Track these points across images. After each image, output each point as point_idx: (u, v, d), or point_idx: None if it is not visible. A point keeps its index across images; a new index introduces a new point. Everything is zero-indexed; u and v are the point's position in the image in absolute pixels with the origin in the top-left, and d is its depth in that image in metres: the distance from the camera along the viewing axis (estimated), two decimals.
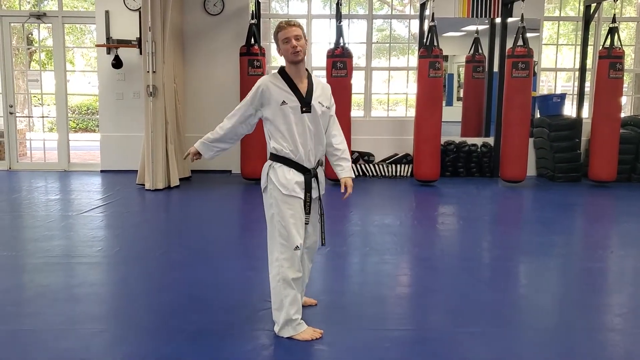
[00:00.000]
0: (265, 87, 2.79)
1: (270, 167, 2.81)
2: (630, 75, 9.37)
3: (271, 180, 2.78)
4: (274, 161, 2.81)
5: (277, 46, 2.82)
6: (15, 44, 8.50)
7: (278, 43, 2.79)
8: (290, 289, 2.77)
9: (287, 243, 2.75)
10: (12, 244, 4.58)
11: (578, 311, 3.32)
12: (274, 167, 2.79)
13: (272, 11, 8.47)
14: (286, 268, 2.76)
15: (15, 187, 7.04)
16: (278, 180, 2.76)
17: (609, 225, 5.70)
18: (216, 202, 6.32)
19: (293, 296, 2.78)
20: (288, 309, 2.77)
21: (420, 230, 5.21)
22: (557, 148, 7.54)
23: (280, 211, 2.75)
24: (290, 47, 2.74)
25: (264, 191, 2.85)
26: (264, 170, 2.84)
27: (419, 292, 3.68)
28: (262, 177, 2.85)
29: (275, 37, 2.80)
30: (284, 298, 2.77)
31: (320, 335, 2.81)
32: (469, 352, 2.76)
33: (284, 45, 2.75)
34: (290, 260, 2.76)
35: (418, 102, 7.22)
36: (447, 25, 7.81)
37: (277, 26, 2.80)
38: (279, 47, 2.80)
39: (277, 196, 2.76)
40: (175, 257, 4.22)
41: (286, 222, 2.75)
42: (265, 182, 2.83)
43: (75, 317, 3.08)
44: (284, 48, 2.76)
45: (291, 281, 2.77)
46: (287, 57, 2.78)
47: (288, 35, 2.74)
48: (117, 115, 7.78)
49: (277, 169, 2.78)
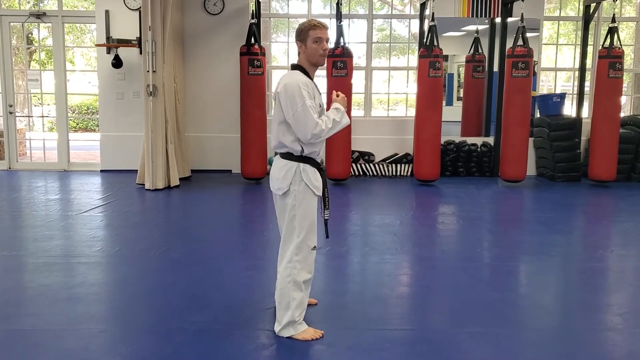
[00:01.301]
0: (310, 84, 2.74)
1: (299, 168, 2.73)
2: (629, 75, 9.38)
3: (301, 182, 2.73)
4: (300, 162, 2.74)
5: (302, 43, 2.74)
6: (15, 44, 8.48)
7: (306, 40, 2.73)
8: (299, 291, 2.78)
9: (306, 245, 2.76)
10: (12, 243, 4.58)
11: (578, 311, 3.33)
12: (304, 169, 2.73)
13: (272, 11, 8.47)
14: (299, 270, 2.76)
15: (15, 186, 7.04)
16: (311, 182, 2.74)
17: (609, 224, 5.70)
18: (216, 202, 6.32)
19: (300, 299, 2.78)
20: (294, 311, 2.77)
21: (421, 230, 5.21)
22: (557, 148, 7.54)
23: (306, 212, 2.75)
24: (321, 48, 2.72)
25: (284, 193, 2.76)
26: (289, 172, 2.73)
27: (419, 291, 3.68)
28: (286, 179, 2.73)
29: (304, 34, 2.72)
30: (292, 300, 2.77)
31: (320, 335, 2.81)
32: (469, 352, 2.77)
33: (314, 44, 2.71)
34: (304, 262, 2.77)
35: (418, 102, 7.22)
36: (447, 25, 7.81)
37: (310, 24, 2.73)
38: (304, 45, 2.73)
39: (305, 198, 2.74)
40: (175, 257, 4.22)
41: (310, 223, 2.76)
42: (288, 185, 2.73)
43: (75, 317, 3.08)
44: (312, 47, 2.72)
45: (302, 284, 2.78)
46: (313, 58, 2.75)
47: (321, 36, 2.72)
48: (117, 115, 7.78)
49: (308, 170, 2.74)
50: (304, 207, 2.75)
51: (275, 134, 2.80)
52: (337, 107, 2.77)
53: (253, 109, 7.11)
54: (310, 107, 2.66)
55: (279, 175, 2.77)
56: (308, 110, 2.64)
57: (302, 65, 2.80)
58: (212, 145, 7.92)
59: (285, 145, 2.77)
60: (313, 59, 2.76)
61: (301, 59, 2.80)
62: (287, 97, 2.67)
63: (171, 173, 6.86)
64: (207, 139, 7.91)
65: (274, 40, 9.57)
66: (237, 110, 7.31)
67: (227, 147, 7.83)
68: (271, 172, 2.86)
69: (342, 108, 2.78)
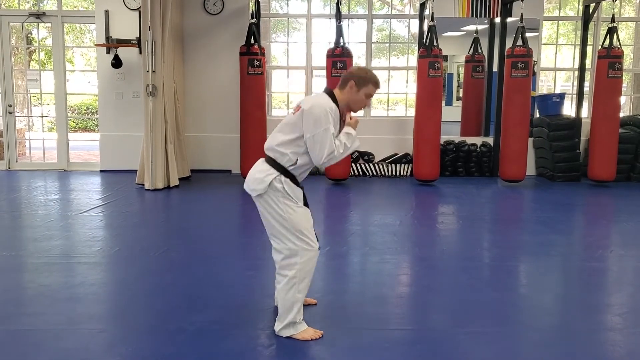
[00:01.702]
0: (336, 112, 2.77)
1: (280, 178, 2.75)
2: (629, 75, 9.39)
3: (284, 190, 2.74)
4: (282, 174, 2.76)
5: (357, 87, 2.78)
6: (14, 44, 8.48)
7: (361, 88, 2.78)
8: (303, 294, 2.79)
9: (309, 242, 2.76)
10: (12, 243, 4.58)
11: (578, 311, 3.33)
12: (286, 181, 2.75)
13: (272, 11, 8.47)
14: (309, 269, 2.78)
15: (14, 186, 7.03)
16: (292, 191, 2.77)
17: (609, 224, 5.70)
18: (216, 202, 6.32)
19: (301, 299, 2.80)
20: (296, 313, 2.79)
21: (420, 229, 5.22)
22: (557, 148, 7.54)
23: (295, 215, 2.75)
24: (367, 103, 2.84)
25: (259, 196, 2.77)
26: (268, 177, 2.74)
27: (419, 291, 3.68)
28: (263, 182, 2.74)
29: (365, 83, 2.78)
30: (296, 302, 2.78)
31: (320, 335, 2.81)
32: (469, 352, 2.77)
33: (364, 97, 2.80)
34: (312, 260, 2.79)
35: (418, 102, 7.22)
36: (446, 25, 7.81)
37: (375, 80, 2.81)
38: (357, 90, 2.78)
39: (289, 204, 2.75)
40: (174, 257, 4.22)
41: (305, 223, 2.77)
42: (264, 188, 2.74)
43: (75, 317, 3.08)
44: (361, 98, 2.80)
45: (306, 286, 2.80)
46: (354, 104, 2.82)
47: (373, 95, 2.83)
48: (117, 115, 7.77)
49: (290, 183, 2.77)
50: (291, 212, 2.76)
51: (277, 139, 2.80)
52: (348, 132, 2.82)
53: (253, 109, 7.11)
54: (332, 133, 2.71)
55: (259, 176, 2.78)
56: (329, 135, 2.69)
57: (336, 96, 2.81)
58: (212, 145, 7.92)
59: (279, 153, 2.77)
60: (353, 105, 2.83)
61: (342, 93, 2.82)
62: (313, 117, 2.70)
63: (171, 173, 6.86)
64: (207, 139, 7.91)
65: (273, 40, 9.58)
66: (237, 110, 7.31)
67: (226, 147, 7.83)
68: (250, 172, 2.85)
69: (354, 132, 2.83)
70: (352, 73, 2.83)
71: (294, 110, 2.81)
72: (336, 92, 2.82)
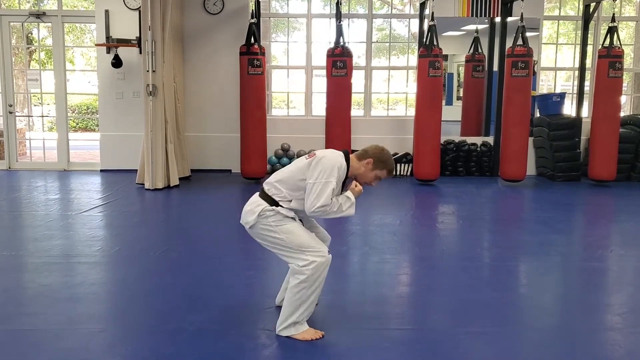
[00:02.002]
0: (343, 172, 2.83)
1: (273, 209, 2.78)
2: (629, 75, 9.38)
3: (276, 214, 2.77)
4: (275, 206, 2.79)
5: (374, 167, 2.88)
6: (14, 43, 8.48)
7: (376, 169, 2.89)
8: (313, 298, 2.79)
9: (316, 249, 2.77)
10: (12, 243, 4.59)
11: (578, 310, 3.33)
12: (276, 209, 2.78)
13: (272, 10, 8.46)
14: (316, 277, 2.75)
15: (14, 186, 7.03)
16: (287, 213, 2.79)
17: (609, 224, 5.70)
18: (216, 202, 6.32)
19: (312, 301, 2.80)
20: (300, 314, 2.78)
21: (420, 229, 5.21)
22: (557, 147, 7.54)
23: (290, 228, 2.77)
24: (374, 183, 2.95)
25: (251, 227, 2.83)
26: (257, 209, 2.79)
27: (419, 291, 3.68)
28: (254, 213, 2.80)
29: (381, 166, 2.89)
30: (302, 304, 2.77)
31: (320, 336, 2.81)
32: (469, 351, 2.77)
33: (375, 178, 2.92)
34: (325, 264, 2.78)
35: (418, 102, 7.22)
36: (446, 25, 7.81)
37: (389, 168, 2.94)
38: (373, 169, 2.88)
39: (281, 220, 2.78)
40: (175, 257, 4.22)
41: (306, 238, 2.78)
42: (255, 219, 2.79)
43: (75, 317, 3.08)
44: (371, 176, 2.90)
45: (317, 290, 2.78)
46: (362, 179, 2.90)
47: (381, 179, 2.95)
48: (117, 115, 7.77)
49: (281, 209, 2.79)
50: (287, 226, 2.78)
51: (278, 176, 2.85)
52: (348, 196, 2.83)
53: (253, 108, 7.11)
54: (332, 189, 2.73)
55: (249, 208, 2.85)
56: (329, 189, 2.72)
57: (351, 161, 2.88)
58: (212, 144, 7.92)
59: (276, 189, 2.81)
60: (360, 178, 2.91)
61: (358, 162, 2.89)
62: (321, 166, 2.76)
63: (171, 173, 6.86)
64: (207, 139, 7.91)
65: (273, 39, 9.57)
66: (237, 110, 7.31)
67: (226, 146, 7.82)
68: (244, 207, 2.90)
69: (353, 199, 2.84)
70: (376, 152, 2.91)
71: (307, 155, 2.88)
72: (352, 158, 2.90)
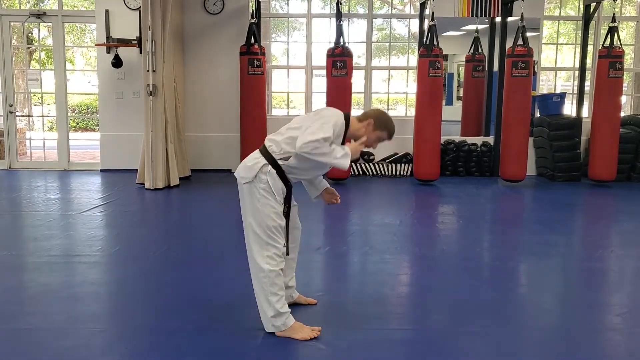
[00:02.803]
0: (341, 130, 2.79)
1: (267, 168, 2.75)
2: (629, 75, 9.38)
3: (266, 182, 2.74)
4: (271, 164, 2.75)
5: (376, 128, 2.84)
6: (15, 43, 8.48)
7: (377, 131, 2.85)
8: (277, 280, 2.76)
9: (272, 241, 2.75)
10: (12, 243, 4.59)
11: (578, 310, 3.32)
12: (270, 171, 2.75)
13: (272, 10, 8.47)
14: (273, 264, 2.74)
15: (15, 186, 7.04)
16: (276, 186, 2.75)
17: (609, 224, 5.70)
18: (216, 202, 6.32)
19: (279, 287, 2.77)
20: (276, 304, 2.76)
21: (420, 229, 5.22)
22: (557, 147, 7.54)
23: (268, 212, 2.74)
24: (373, 144, 2.89)
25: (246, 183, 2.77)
26: (257, 164, 2.75)
27: (419, 291, 3.68)
28: (252, 170, 2.75)
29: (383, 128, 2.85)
30: (270, 295, 2.75)
31: (318, 333, 2.81)
32: (469, 351, 2.77)
33: (376, 139, 2.87)
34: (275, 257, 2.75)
35: (418, 102, 7.22)
36: (447, 25, 7.81)
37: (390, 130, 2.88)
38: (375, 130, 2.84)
39: (268, 199, 2.74)
40: (174, 256, 4.22)
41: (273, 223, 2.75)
42: (252, 177, 2.74)
43: (75, 316, 3.08)
44: (374, 138, 2.86)
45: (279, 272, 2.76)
46: (369, 141, 2.85)
47: (382, 141, 2.90)
48: (117, 115, 7.78)
49: (274, 175, 2.75)
50: (265, 204, 2.74)
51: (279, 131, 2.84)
52: (344, 148, 2.77)
53: (253, 108, 7.11)
54: (328, 135, 2.66)
55: (248, 163, 2.80)
56: (323, 130, 2.65)
57: (352, 123, 2.85)
58: (212, 144, 7.92)
59: (274, 143, 2.79)
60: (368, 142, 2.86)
61: (358, 123, 2.86)
62: (319, 115, 2.77)
63: (171, 172, 6.86)
64: (207, 139, 7.91)
65: (273, 39, 9.57)
66: (237, 110, 7.31)
67: (227, 146, 7.82)
68: (244, 160, 2.87)
69: (349, 153, 2.76)
70: (376, 114, 2.90)
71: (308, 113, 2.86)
72: (352, 119, 2.87)
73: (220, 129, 7.88)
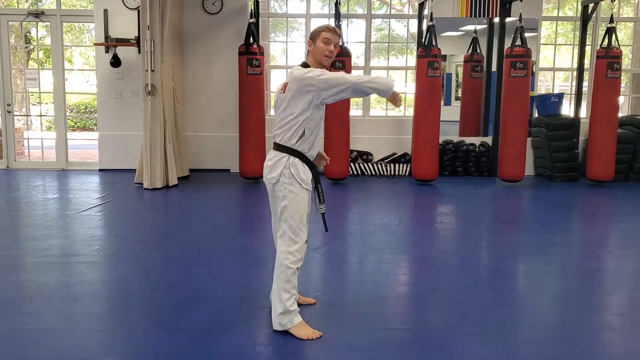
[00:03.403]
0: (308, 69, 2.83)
1: (289, 161, 2.80)
2: (627, 75, 9.40)
3: (290, 174, 2.79)
4: (290, 155, 2.81)
5: (312, 41, 2.86)
6: (13, 43, 8.47)
7: (316, 39, 2.84)
8: (293, 279, 2.82)
9: (297, 237, 2.81)
10: (10, 242, 4.58)
11: (577, 310, 3.33)
12: (293, 162, 2.81)
13: (271, 10, 8.47)
14: (294, 260, 2.81)
15: (13, 185, 7.03)
16: (299, 175, 2.81)
17: (607, 224, 5.71)
18: (215, 201, 6.32)
19: (293, 285, 2.83)
20: (287, 301, 2.81)
21: (419, 229, 5.22)
22: (555, 147, 7.55)
23: (294, 205, 2.80)
24: (327, 49, 2.84)
25: (275, 184, 2.84)
26: (279, 162, 2.81)
27: (418, 291, 3.69)
28: (275, 169, 2.82)
29: (316, 34, 2.86)
30: (283, 291, 2.81)
31: (318, 336, 2.81)
32: (468, 351, 2.77)
33: (322, 44, 2.84)
34: (298, 253, 2.82)
35: (416, 102, 7.22)
36: (445, 25, 7.82)
37: (324, 26, 2.87)
38: (314, 43, 2.85)
39: (293, 190, 2.80)
40: (174, 256, 4.22)
41: (300, 216, 2.81)
42: (278, 175, 2.81)
43: (73, 316, 3.08)
44: (320, 46, 2.84)
45: (296, 271, 2.83)
46: (318, 57, 2.86)
47: (330, 38, 2.84)
48: (116, 114, 7.77)
49: (297, 163, 2.81)
50: (292, 200, 2.81)
51: (278, 122, 2.88)
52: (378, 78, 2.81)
53: (252, 108, 7.11)
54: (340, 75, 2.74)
55: (270, 163, 2.87)
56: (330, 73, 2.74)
57: (308, 63, 2.90)
58: (211, 144, 7.92)
59: (283, 131, 2.84)
60: (318, 57, 2.87)
61: (309, 57, 2.91)
62: (302, 79, 2.76)
63: (170, 172, 6.86)
64: (206, 139, 7.91)
65: (272, 39, 9.57)
66: (236, 110, 7.31)
67: (225, 146, 7.83)
68: (265, 162, 2.93)
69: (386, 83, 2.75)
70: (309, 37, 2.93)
71: (281, 90, 2.87)
72: (307, 61, 2.91)
73: (218, 128, 7.87)
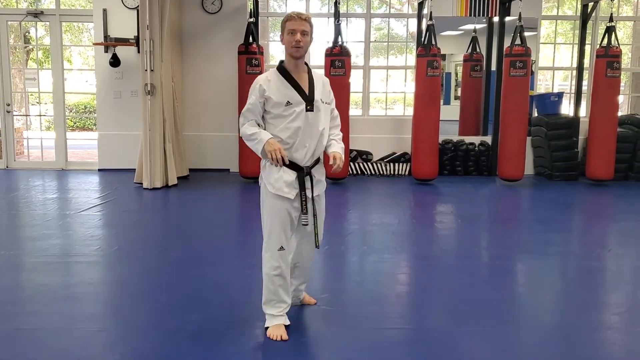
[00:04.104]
0: (264, 84, 2.70)
1: (263, 162, 2.80)
2: (627, 74, 9.39)
3: (262, 178, 2.81)
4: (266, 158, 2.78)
5: (282, 35, 2.74)
6: (12, 43, 8.46)
7: (283, 32, 2.71)
8: (271, 285, 2.82)
9: (269, 242, 2.80)
10: (10, 243, 4.58)
11: (576, 309, 3.33)
12: (265, 165, 2.79)
13: (270, 9, 8.46)
14: (268, 267, 2.81)
15: (12, 186, 7.02)
16: (267, 178, 2.77)
17: (607, 223, 5.71)
18: (214, 201, 6.32)
19: (271, 292, 2.83)
20: (267, 305, 2.86)
21: (419, 228, 5.22)
22: (555, 147, 7.55)
23: (267, 211, 2.79)
24: (293, 40, 2.66)
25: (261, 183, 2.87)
26: (261, 164, 2.83)
27: (418, 290, 3.69)
28: (261, 171, 2.84)
29: (283, 26, 2.72)
30: (268, 293, 2.85)
31: (283, 339, 2.75)
32: (468, 351, 2.77)
33: (288, 36, 2.68)
34: (272, 259, 2.79)
35: (416, 101, 7.22)
36: (445, 24, 7.81)
37: (288, 15, 2.71)
38: (283, 36, 2.72)
39: (267, 194, 2.78)
40: (173, 256, 4.22)
41: (271, 222, 2.78)
42: (260, 178, 2.84)
43: (73, 316, 3.08)
44: (287, 39, 2.68)
45: (271, 278, 2.81)
46: (287, 50, 2.71)
47: (295, 28, 2.66)
48: (115, 114, 7.76)
49: (268, 166, 2.77)
50: (264, 203, 2.81)
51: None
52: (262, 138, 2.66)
53: None
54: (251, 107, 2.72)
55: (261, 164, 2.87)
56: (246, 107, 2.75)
57: (283, 60, 2.79)
58: (210, 144, 7.92)
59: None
60: (287, 51, 2.73)
61: (285, 54, 2.79)
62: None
63: (169, 172, 6.85)
64: (205, 138, 7.90)
65: (272, 39, 9.56)
66: (235, 109, 7.30)
67: (225, 146, 7.82)
68: None
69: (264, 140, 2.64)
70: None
71: None
72: (284, 57, 2.80)
73: (218, 128, 7.87)
